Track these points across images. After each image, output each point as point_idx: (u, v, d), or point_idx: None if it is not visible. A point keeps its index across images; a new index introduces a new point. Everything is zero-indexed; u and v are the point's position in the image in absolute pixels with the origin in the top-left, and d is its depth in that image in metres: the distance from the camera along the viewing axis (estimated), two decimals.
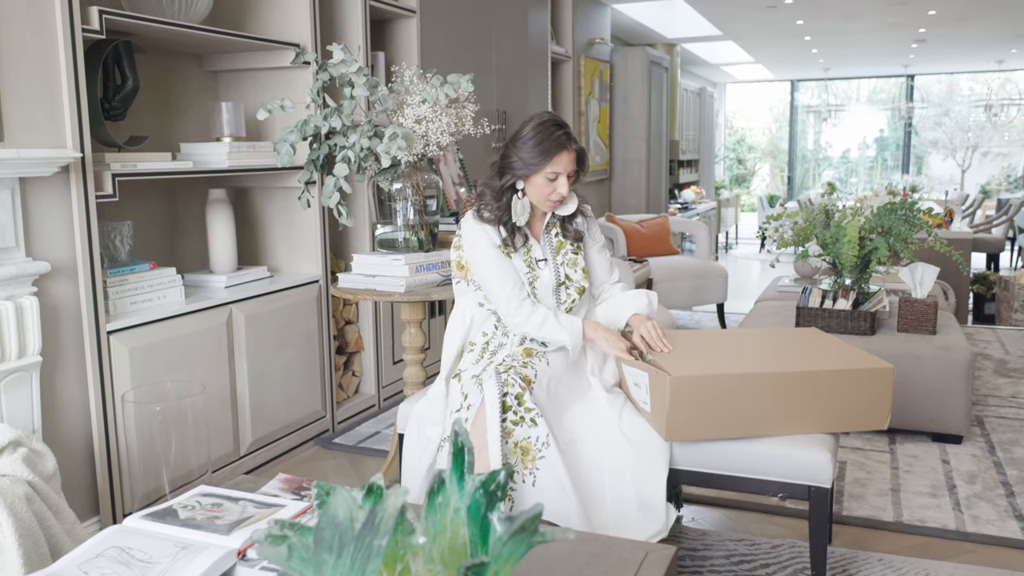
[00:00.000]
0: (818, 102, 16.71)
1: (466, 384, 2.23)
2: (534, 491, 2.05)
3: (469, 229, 2.32)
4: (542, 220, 2.38)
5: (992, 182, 14.90)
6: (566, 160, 2.23)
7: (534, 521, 1.18)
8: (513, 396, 2.09)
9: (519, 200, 2.28)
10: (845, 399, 2.14)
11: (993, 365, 4.57)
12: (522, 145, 2.24)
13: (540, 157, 2.21)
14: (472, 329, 2.37)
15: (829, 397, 2.13)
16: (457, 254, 2.39)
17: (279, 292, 3.24)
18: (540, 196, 2.28)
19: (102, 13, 2.48)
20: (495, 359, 2.27)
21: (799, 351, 2.29)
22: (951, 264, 5.15)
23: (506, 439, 2.06)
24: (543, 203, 2.29)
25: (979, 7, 8.29)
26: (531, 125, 2.25)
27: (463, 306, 2.40)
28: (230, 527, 1.49)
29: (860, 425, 2.19)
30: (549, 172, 2.23)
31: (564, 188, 2.25)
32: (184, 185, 3.34)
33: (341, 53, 2.76)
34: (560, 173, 2.24)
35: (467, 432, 1.31)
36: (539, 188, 2.26)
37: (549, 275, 2.33)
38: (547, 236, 2.37)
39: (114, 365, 2.55)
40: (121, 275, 2.68)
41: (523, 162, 2.23)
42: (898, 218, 3.49)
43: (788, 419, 2.13)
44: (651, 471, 2.12)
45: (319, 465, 3.26)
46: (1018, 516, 2.70)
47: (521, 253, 2.32)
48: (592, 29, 7.09)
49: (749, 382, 2.10)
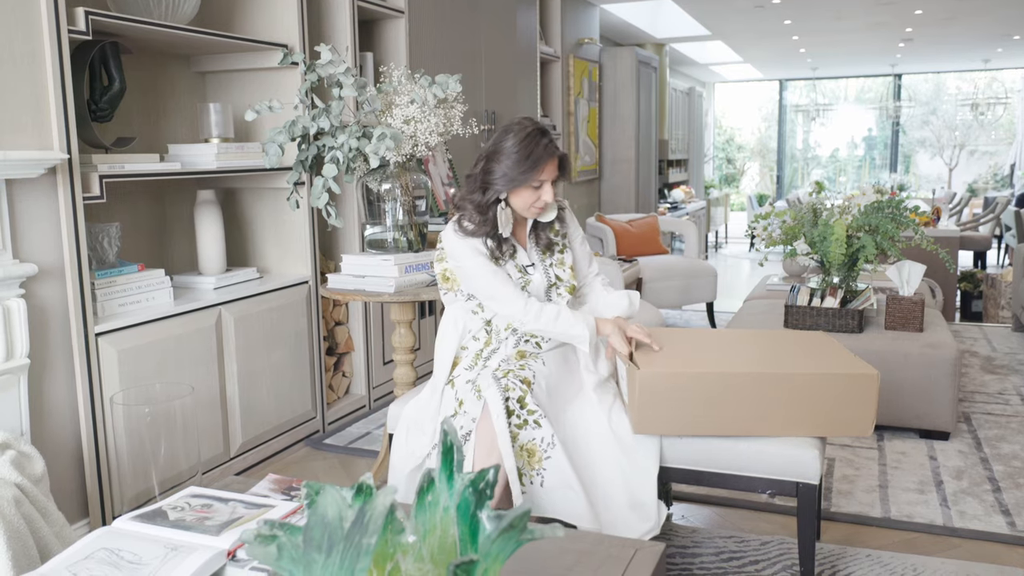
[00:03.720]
0: (806, 101, 16.77)
1: (461, 390, 2.22)
2: (543, 491, 2.05)
3: (453, 244, 2.26)
4: (525, 225, 2.34)
5: (979, 180, 14.99)
6: (551, 168, 2.20)
7: (523, 519, 1.19)
8: (515, 400, 2.09)
9: (503, 211, 2.23)
10: (824, 403, 2.10)
11: (980, 362, 4.60)
12: (505, 159, 2.18)
13: (526, 171, 2.16)
14: (465, 335, 2.36)
15: (806, 400, 2.10)
16: (441, 267, 2.35)
17: (268, 293, 3.23)
18: (524, 205, 2.24)
19: (88, 14, 2.48)
20: (489, 364, 2.26)
21: (788, 353, 2.27)
22: (938, 262, 5.19)
23: (512, 443, 2.06)
24: (527, 211, 2.26)
25: (965, 7, 8.34)
26: (513, 138, 2.18)
27: (454, 313, 2.38)
28: (220, 528, 1.49)
29: (841, 431, 2.15)
30: (535, 182, 2.19)
31: (548, 195, 2.22)
32: (172, 186, 3.33)
33: (329, 54, 2.76)
34: (545, 181, 2.20)
35: (456, 432, 1.31)
36: (524, 198, 2.22)
37: (540, 278, 2.32)
38: (531, 240, 2.35)
39: (102, 367, 2.54)
40: (109, 277, 2.67)
41: (507, 177, 2.18)
42: (885, 216, 3.51)
43: (763, 420, 2.12)
44: (642, 469, 2.13)
45: (309, 466, 3.26)
46: (1004, 511, 2.72)
47: (510, 262, 2.29)
48: (581, 29, 7.10)
49: (720, 381, 2.09)
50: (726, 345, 2.41)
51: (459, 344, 2.35)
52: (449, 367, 2.33)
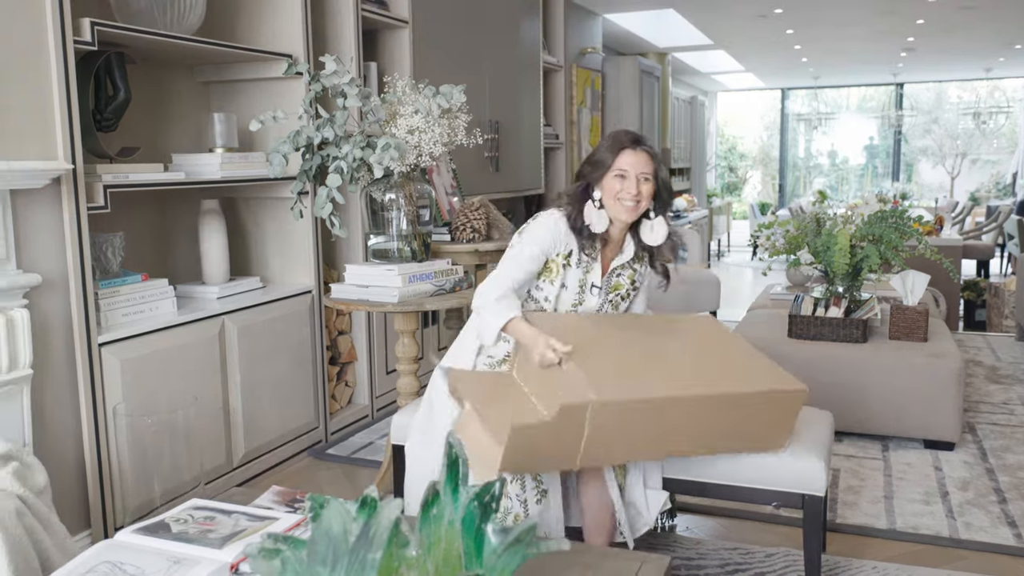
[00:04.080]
0: (808, 110, 16.79)
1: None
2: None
3: (539, 225, 2.22)
4: (616, 249, 2.29)
5: (981, 189, 14.98)
6: (632, 159, 2.16)
7: (528, 533, 1.18)
8: None
9: (595, 208, 2.18)
10: (748, 422, 1.96)
11: (984, 372, 4.58)
12: (595, 152, 2.24)
13: (607, 155, 2.18)
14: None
15: (727, 421, 1.95)
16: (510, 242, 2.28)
17: (272, 303, 3.23)
18: (611, 198, 2.17)
19: (94, 25, 2.48)
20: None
21: (700, 363, 2.08)
22: (941, 271, 5.16)
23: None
24: (617, 208, 2.17)
25: (966, 17, 8.35)
26: (604, 139, 2.28)
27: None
28: (223, 540, 1.49)
29: (757, 447, 2.05)
30: (616, 170, 2.16)
31: (633, 187, 2.14)
32: (176, 196, 3.33)
33: (333, 64, 2.77)
34: (627, 171, 2.15)
35: (461, 444, 1.31)
36: (610, 189, 2.17)
37: (594, 305, 2.27)
38: (612, 271, 2.29)
39: (105, 377, 2.54)
40: (113, 287, 2.67)
41: (593, 166, 2.20)
42: (888, 226, 3.51)
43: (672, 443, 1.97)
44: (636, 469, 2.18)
45: (313, 476, 3.25)
46: (1010, 523, 2.71)
47: (579, 271, 2.23)
48: (583, 39, 7.11)
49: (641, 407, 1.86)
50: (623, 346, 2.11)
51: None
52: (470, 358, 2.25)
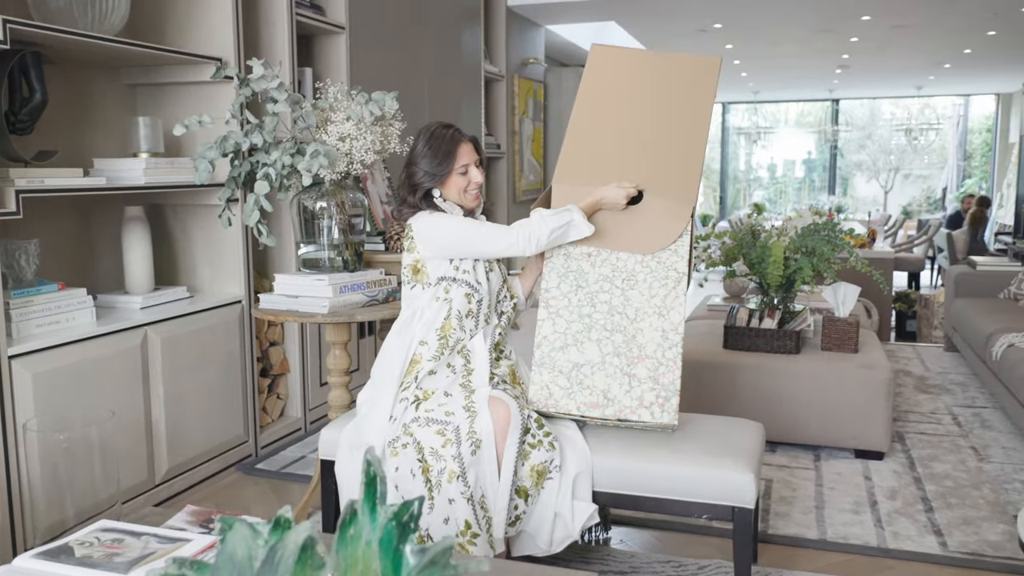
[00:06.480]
0: (748, 124, 17.14)
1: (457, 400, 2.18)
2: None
3: (424, 220, 2.30)
4: None
5: (913, 203, 15.48)
6: (466, 151, 2.31)
7: (445, 554, 1.14)
8: (533, 418, 2.16)
9: (446, 204, 2.33)
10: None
11: (913, 381, 4.69)
12: (420, 160, 2.30)
13: (442, 161, 2.28)
14: (427, 331, 2.28)
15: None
16: (411, 258, 2.34)
17: (199, 313, 3.13)
18: (459, 192, 2.33)
19: (6, 23, 2.37)
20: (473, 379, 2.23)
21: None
22: (873, 283, 5.29)
23: (523, 461, 2.12)
24: (464, 198, 2.34)
25: (898, 36, 8.61)
26: (421, 141, 2.33)
27: (413, 309, 2.33)
28: (129, 565, 1.41)
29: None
30: (459, 167, 2.30)
31: (478, 175, 2.33)
32: (98, 202, 3.21)
33: (261, 68, 2.70)
34: (468, 164, 2.31)
35: (380, 461, 1.26)
36: (456, 185, 2.32)
37: (496, 277, 2.38)
38: None
39: (16, 392, 2.42)
40: (26, 296, 2.55)
41: (429, 174, 2.29)
42: (821, 239, 3.56)
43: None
44: (565, 479, 2.17)
45: (240, 493, 3.15)
46: (936, 531, 2.75)
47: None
48: (526, 49, 7.12)
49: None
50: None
51: (414, 341, 2.29)
52: (400, 371, 2.26)
